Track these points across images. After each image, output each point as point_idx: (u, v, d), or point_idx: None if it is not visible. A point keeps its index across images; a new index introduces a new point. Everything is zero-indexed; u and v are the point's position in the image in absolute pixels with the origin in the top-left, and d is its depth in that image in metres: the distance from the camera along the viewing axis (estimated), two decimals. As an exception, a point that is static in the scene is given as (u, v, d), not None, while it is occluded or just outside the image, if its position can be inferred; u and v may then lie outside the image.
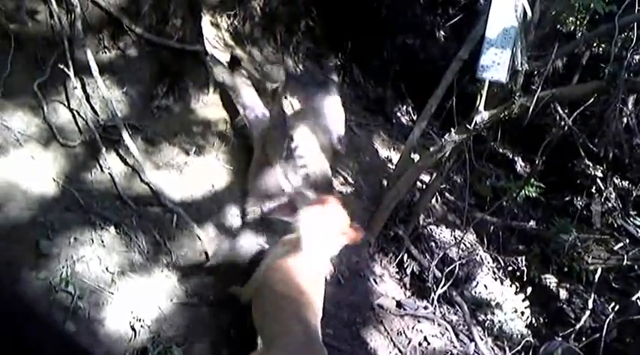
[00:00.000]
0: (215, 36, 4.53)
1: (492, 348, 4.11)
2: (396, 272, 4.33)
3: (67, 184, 3.00)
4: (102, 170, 3.21)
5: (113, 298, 2.72)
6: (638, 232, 4.48)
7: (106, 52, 3.52)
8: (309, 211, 2.95)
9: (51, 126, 3.14)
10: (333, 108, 4.04)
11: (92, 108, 3.34)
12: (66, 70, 3.17)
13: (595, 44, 5.79)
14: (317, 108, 4.00)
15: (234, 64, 4.06)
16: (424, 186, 4.82)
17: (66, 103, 3.28)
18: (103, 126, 3.32)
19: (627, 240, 4.34)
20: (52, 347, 0.73)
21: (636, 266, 4.11)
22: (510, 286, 4.90)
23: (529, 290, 4.75)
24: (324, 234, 2.86)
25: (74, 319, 2.54)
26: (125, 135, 3.26)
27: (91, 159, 3.22)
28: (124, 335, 2.66)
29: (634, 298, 4.03)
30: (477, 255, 4.89)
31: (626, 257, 4.12)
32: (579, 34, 5.62)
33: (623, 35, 4.31)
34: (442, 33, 6.63)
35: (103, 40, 3.50)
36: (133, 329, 2.69)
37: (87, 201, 3.00)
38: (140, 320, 2.72)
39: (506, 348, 4.14)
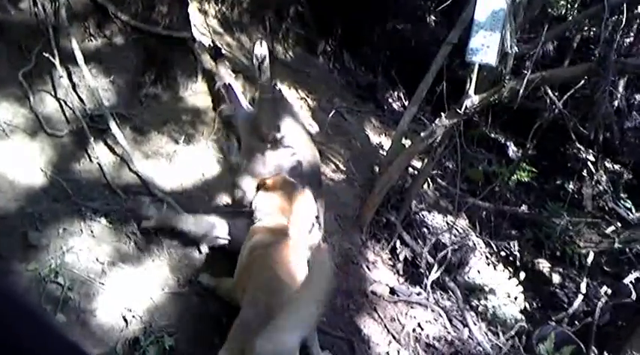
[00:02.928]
0: (203, 23, 4.48)
1: (486, 333, 4.12)
2: (389, 259, 4.32)
3: (55, 174, 2.98)
4: (90, 160, 3.19)
5: (104, 288, 2.70)
6: (629, 215, 4.50)
7: (91, 40, 3.49)
8: (298, 199, 2.99)
9: (37, 116, 3.11)
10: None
11: (79, 97, 3.32)
12: (51, 58, 3.13)
13: (586, 27, 5.78)
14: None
15: (216, 54, 4.01)
16: (416, 172, 4.81)
17: (52, 93, 3.25)
18: (90, 115, 3.29)
19: (618, 223, 4.36)
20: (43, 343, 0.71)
21: (627, 249, 4.12)
22: (503, 271, 4.91)
23: (522, 274, 4.76)
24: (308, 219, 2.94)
25: (65, 310, 2.52)
26: (113, 125, 3.23)
27: (79, 149, 3.19)
28: (116, 326, 2.64)
29: (625, 281, 4.05)
30: (470, 240, 4.89)
31: (617, 240, 4.13)
32: (569, 17, 5.60)
33: (613, 17, 4.30)
34: (432, 18, 6.61)
35: (88, 28, 3.46)
36: (125, 319, 2.66)
37: (75, 191, 2.97)
38: (131, 310, 2.70)
39: (500, 333, 4.15)
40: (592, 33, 6.03)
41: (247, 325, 2.40)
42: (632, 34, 5.40)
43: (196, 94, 3.89)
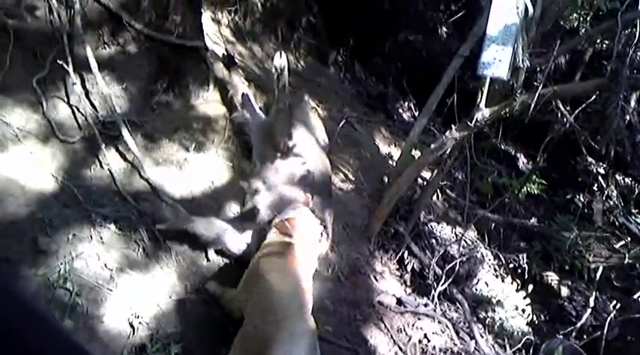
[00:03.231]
0: (216, 32, 4.52)
1: (493, 346, 4.10)
2: (397, 269, 4.31)
3: (66, 180, 3.00)
4: (101, 166, 3.21)
5: (112, 295, 2.71)
6: (639, 230, 4.46)
7: (105, 48, 3.52)
8: (301, 214, 3.04)
9: (50, 122, 3.14)
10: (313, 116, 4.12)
11: (91, 104, 3.34)
12: (65, 65, 3.17)
13: (598, 41, 5.76)
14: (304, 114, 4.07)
15: (229, 62, 4.05)
16: (425, 183, 4.80)
17: (65, 99, 3.28)
18: (102, 122, 3.32)
19: (629, 238, 4.33)
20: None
21: (638, 265, 4.09)
22: (511, 283, 4.88)
23: (530, 287, 4.73)
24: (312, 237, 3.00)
25: (72, 316, 2.53)
26: (124, 132, 3.25)
27: (91, 155, 3.22)
28: (123, 332, 2.65)
29: (635, 296, 4.01)
30: (478, 252, 4.87)
31: (627, 255, 4.10)
32: (582, 31, 5.59)
33: (625, 32, 4.29)
34: (444, 29, 6.61)
35: (102, 36, 3.50)
36: (132, 325, 2.68)
37: (86, 197, 2.99)
38: (139, 316, 2.71)
39: (507, 346, 4.13)
40: (604, 46, 6.00)
41: (247, 339, 2.43)
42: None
43: (208, 103, 3.92)
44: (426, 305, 4.09)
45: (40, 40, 3.23)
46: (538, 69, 4.19)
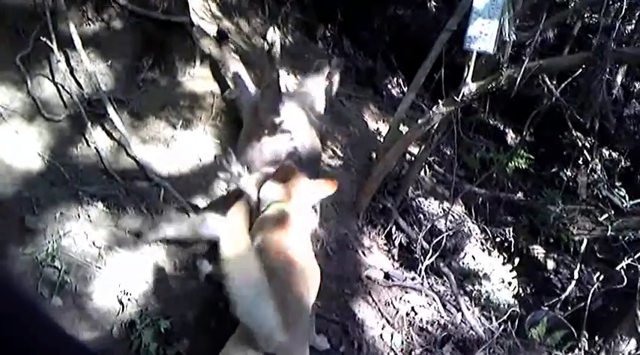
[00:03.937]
0: (202, 7, 4.46)
1: (479, 318, 4.17)
2: (384, 244, 4.36)
3: (52, 159, 3.00)
4: (87, 144, 3.21)
5: (100, 272, 2.74)
6: (622, 203, 4.51)
7: (89, 25, 3.48)
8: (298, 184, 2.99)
9: (35, 101, 3.12)
10: (318, 90, 4.03)
11: (77, 81, 3.32)
12: (49, 43, 3.13)
13: (586, 15, 5.75)
14: (306, 89, 4.01)
15: (221, 38, 4.00)
16: (413, 158, 4.82)
17: (50, 77, 3.26)
18: (87, 100, 3.30)
19: (612, 211, 4.38)
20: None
21: (620, 237, 4.15)
22: (498, 257, 4.96)
23: (516, 260, 4.81)
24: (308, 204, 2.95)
25: (61, 294, 2.56)
26: (110, 109, 3.24)
27: (77, 134, 3.21)
28: (112, 309, 2.68)
29: (618, 268, 4.08)
30: (465, 226, 4.93)
31: (610, 227, 4.16)
32: (570, 4, 5.57)
33: (614, 5, 4.29)
34: (433, 3, 6.56)
35: (86, 12, 3.45)
36: (121, 302, 2.71)
37: (73, 175, 3.00)
38: (127, 293, 2.74)
39: (493, 318, 4.20)
40: (593, 20, 5.99)
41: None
42: (633, 21, 5.37)
43: (194, 79, 3.89)
44: (413, 278, 4.15)
45: (23, 17, 3.18)
46: (526, 43, 4.19)
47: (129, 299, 2.72)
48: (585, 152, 5.69)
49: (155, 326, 2.67)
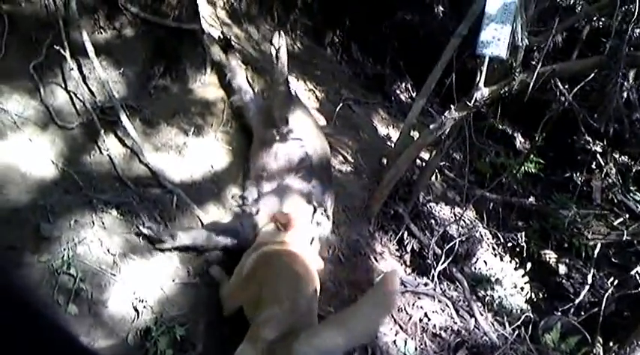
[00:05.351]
0: (211, 14, 4.48)
1: (492, 323, 4.14)
2: (396, 250, 4.34)
3: (66, 167, 3.00)
4: (100, 152, 3.21)
5: (115, 280, 2.73)
6: (637, 207, 4.49)
7: (101, 33, 3.49)
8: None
9: (48, 109, 3.13)
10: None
11: (89, 89, 3.33)
12: (62, 51, 3.15)
13: (596, 18, 5.72)
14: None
15: (226, 45, 4.02)
16: (424, 164, 4.81)
17: (63, 85, 3.26)
18: (100, 107, 3.31)
19: (627, 216, 4.35)
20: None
21: (635, 242, 4.12)
22: (510, 262, 4.92)
23: (529, 265, 4.77)
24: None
25: (77, 301, 2.56)
26: (123, 117, 3.25)
27: (90, 141, 3.21)
28: (127, 316, 2.68)
29: (633, 273, 4.05)
30: (477, 231, 4.90)
31: (625, 232, 4.12)
32: (579, 8, 5.55)
33: (623, 9, 4.26)
34: (441, 8, 6.54)
35: (98, 21, 3.47)
36: (136, 309, 2.70)
37: (86, 183, 3.00)
38: (143, 300, 2.74)
39: (506, 323, 4.17)
40: (602, 24, 5.96)
41: (276, 323, 2.41)
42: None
43: (205, 86, 3.91)
44: (425, 284, 4.13)
45: (36, 26, 3.20)
46: (536, 47, 4.17)
47: (144, 307, 2.72)
48: (598, 156, 5.66)
49: (170, 333, 2.67)
